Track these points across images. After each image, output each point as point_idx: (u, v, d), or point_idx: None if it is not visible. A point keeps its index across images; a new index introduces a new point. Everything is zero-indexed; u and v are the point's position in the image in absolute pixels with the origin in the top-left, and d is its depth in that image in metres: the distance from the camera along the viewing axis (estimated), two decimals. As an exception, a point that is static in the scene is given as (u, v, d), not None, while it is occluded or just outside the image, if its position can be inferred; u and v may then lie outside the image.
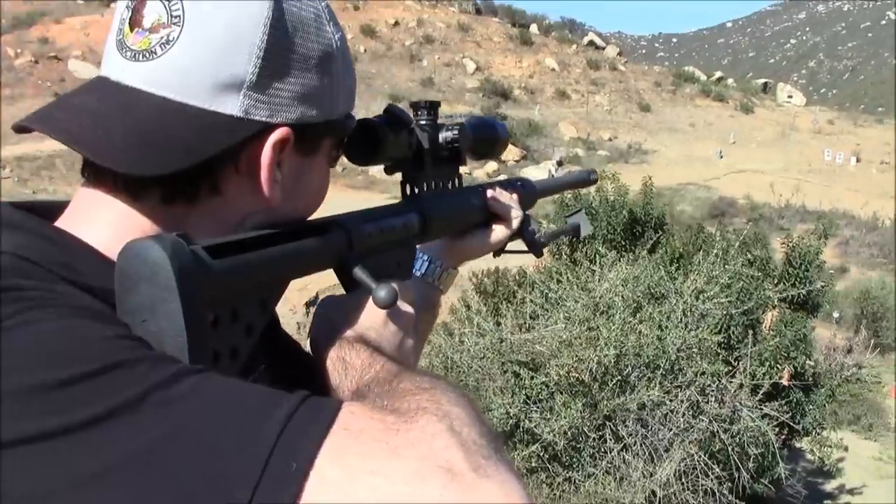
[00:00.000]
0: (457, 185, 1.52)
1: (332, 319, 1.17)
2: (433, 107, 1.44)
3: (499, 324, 7.24)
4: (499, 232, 1.61)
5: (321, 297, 1.27)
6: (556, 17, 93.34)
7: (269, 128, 1.03)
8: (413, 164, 1.40)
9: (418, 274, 1.52)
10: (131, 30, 1.00)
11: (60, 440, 0.72)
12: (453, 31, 72.68)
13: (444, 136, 1.44)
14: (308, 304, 15.67)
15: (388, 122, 1.28)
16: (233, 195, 1.04)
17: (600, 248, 7.90)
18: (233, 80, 1.00)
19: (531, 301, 7.36)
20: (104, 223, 0.99)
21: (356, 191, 34.25)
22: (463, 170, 1.52)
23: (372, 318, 1.16)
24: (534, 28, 78.58)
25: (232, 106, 1.00)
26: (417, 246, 1.43)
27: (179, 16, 0.98)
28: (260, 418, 0.77)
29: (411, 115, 1.38)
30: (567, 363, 6.35)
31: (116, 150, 0.94)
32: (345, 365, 1.07)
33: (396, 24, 70.54)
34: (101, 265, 0.94)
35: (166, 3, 0.99)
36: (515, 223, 1.62)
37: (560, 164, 43.41)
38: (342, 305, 1.19)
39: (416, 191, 1.41)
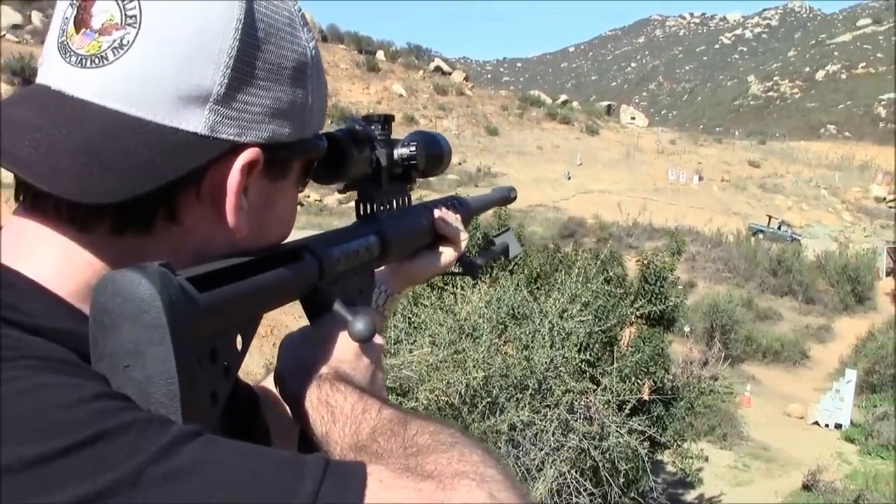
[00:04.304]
0: (405, 204, 1.43)
1: (301, 354, 1.05)
2: (387, 121, 1.33)
3: (361, 350, 7.13)
4: (447, 254, 1.51)
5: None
6: (403, 44, 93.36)
7: (236, 148, 0.89)
8: (371, 183, 1.30)
9: None
10: (77, 30, 0.85)
11: None
12: (300, 58, 72.08)
13: (399, 152, 1.34)
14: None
15: (352, 137, 1.18)
16: (192, 224, 0.90)
17: (455, 270, 7.88)
18: (197, 92, 0.85)
19: (393, 326, 7.30)
20: (44, 259, 0.84)
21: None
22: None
23: (345, 352, 1.04)
24: (380, 54, 78.36)
25: (196, 122, 0.86)
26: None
27: (136, 16, 0.84)
28: (283, 495, 0.68)
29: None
30: (436, 387, 6.32)
31: (63, 174, 0.78)
32: (330, 409, 0.95)
33: (243, 51, 69.60)
34: (51, 303, 0.82)
35: (120, 1, 0.85)
36: (463, 245, 1.53)
37: (410, 188, 43.51)
38: (311, 339, 1.06)
39: (372, 211, 1.31)
